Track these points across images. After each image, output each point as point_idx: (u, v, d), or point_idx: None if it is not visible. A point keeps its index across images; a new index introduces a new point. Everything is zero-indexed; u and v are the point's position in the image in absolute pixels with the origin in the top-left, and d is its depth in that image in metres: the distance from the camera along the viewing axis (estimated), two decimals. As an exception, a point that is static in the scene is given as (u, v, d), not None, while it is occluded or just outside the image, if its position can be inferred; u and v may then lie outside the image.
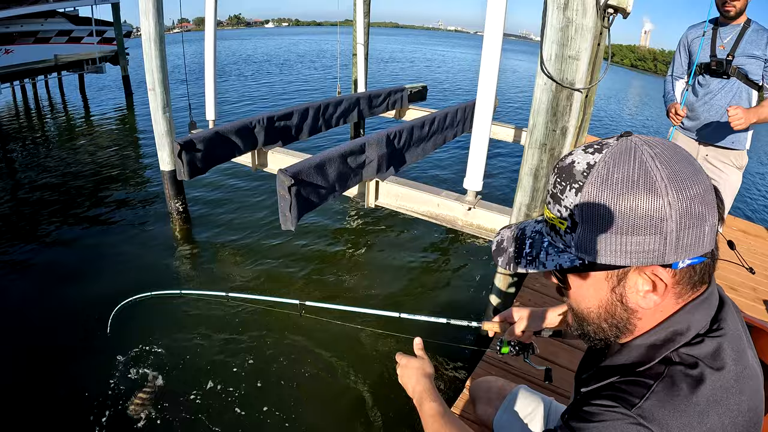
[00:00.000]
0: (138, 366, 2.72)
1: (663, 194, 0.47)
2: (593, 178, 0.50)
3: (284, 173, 2.51)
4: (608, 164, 0.50)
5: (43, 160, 6.82)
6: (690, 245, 0.49)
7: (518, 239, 0.61)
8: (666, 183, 0.47)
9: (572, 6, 1.82)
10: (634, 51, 67.36)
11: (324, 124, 4.47)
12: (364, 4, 6.03)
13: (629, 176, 0.48)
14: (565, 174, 0.53)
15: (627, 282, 0.53)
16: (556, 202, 0.54)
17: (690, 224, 0.48)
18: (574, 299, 0.60)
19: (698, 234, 0.48)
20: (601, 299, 0.56)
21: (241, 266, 3.95)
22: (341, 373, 2.77)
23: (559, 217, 0.54)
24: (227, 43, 35.42)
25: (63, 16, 10.85)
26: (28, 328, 3.08)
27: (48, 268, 3.84)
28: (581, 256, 0.53)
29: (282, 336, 3.03)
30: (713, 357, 0.52)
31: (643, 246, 0.49)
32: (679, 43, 2.49)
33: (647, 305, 0.53)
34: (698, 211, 0.48)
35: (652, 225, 0.48)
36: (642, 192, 0.47)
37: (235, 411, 2.48)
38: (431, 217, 3.13)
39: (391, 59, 27.18)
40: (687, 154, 0.51)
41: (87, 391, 2.55)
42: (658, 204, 0.47)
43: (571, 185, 0.52)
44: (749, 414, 0.52)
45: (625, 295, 0.54)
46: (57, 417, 2.42)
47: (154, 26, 3.66)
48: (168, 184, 4.24)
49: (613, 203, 0.48)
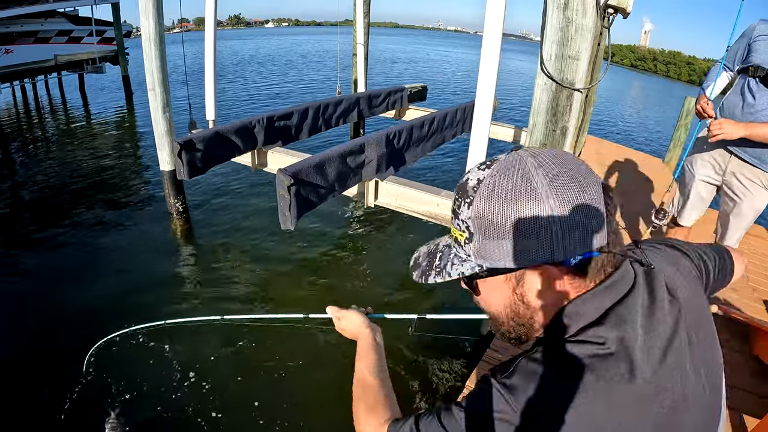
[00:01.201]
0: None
1: (544, 199, 0.51)
2: (481, 191, 0.55)
3: (284, 173, 2.51)
4: (494, 177, 0.54)
5: (42, 160, 6.82)
6: (577, 243, 0.52)
7: (431, 254, 0.66)
8: (547, 189, 0.51)
9: (572, 6, 1.82)
10: (634, 51, 67.41)
11: (324, 124, 4.47)
12: (364, 4, 6.03)
13: (513, 186, 0.53)
14: (461, 191, 0.58)
15: (525, 282, 0.57)
16: (455, 216, 0.59)
17: (574, 224, 0.51)
18: (484, 303, 0.65)
19: (584, 232, 0.52)
20: (505, 300, 0.61)
21: (241, 266, 3.95)
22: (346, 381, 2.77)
23: (459, 229, 0.59)
24: (229, 43, 35.41)
25: (63, 16, 10.86)
26: (21, 330, 3.07)
27: (47, 269, 3.84)
28: (480, 263, 0.58)
29: (285, 351, 3.02)
30: (593, 343, 0.54)
31: (532, 248, 0.53)
32: (743, 33, 2.05)
33: (546, 302, 0.58)
34: (582, 211, 0.51)
35: (537, 228, 0.52)
36: (525, 199, 0.52)
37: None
38: (431, 217, 3.12)
39: (391, 59, 27.17)
40: (573, 159, 0.55)
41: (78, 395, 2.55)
42: (540, 208, 0.51)
43: (464, 200, 0.57)
44: (653, 412, 0.53)
45: (525, 294, 0.58)
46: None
47: (154, 26, 3.66)
48: (168, 184, 4.24)
49: (501, 212, 0.53)
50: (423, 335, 2.87)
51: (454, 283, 0.65)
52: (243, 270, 3.89)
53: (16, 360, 2.78)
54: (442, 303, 3.61)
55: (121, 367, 2.68)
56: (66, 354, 2.83)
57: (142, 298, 3.39)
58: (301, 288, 3.66)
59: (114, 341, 1.83)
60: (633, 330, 0.54)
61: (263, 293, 3.59)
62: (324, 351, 2.90)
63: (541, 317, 0.60)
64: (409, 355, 2.91)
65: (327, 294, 3.53)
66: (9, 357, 2.80)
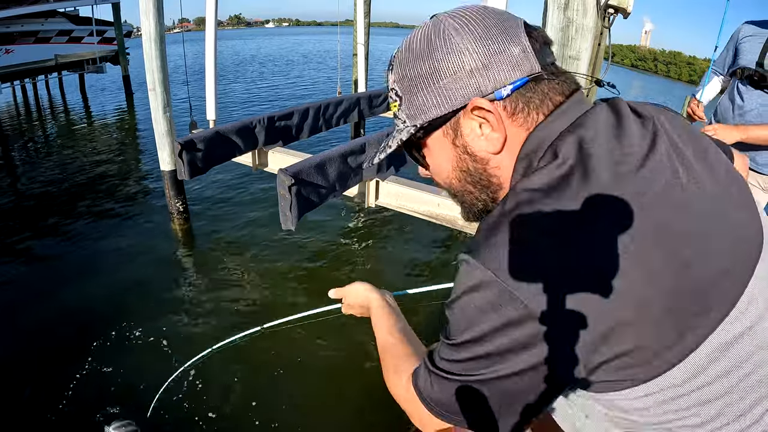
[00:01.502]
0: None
1: (455, 37, 0.50)
2: (399, 54, 0.55)
3: (284, 173, 2.51)
4: (410, 39, 0.54)
5: (42, 160, 6.83)
6: (503, 71, 0.49)
7: (380, 141, 0.66)
8: (457, 26, 0.50)
9: (573, 6, 1.82)
10: (634, 51, 67.42)
11: (324, 124, 4.48)
12: (364, 4, 6.04)
13: (425, 38, 0.52)
14: (389, 64, 0.58)
15: (462, 130, 0.54)
16: (387, 89, 0.58)
17: (494, 53, 0.49)
18: (435, 173, 0.61)
19: (508, 58, 0.49)
20: (452, 161, 0.57)
21: (241, 266, 3.95)
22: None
23: (392, 101, 0.57)
24: (231, 43, 35.42)
25: (63, 16, 10.87)
26: (21, 329, 3.07)
27: (47, 269, 3.85)
28: (413, 124, 0.55)
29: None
30: (548, 168, 0.47)
31: (454, 87, 0.50)
32: (731, 37, 2.07)
33: (493, 147, 0.52)
34: (501, 39, 0.49)
35: (455, 66, 0.50)
36: (437, 44, 0.51)
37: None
38: (431, 217, 3.13)
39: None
40: (492, 8, 0.53)
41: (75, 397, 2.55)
42: (454, 48, 0.50)
43: (389, 69, 0.57)
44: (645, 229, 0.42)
45: (467, 144, 0.54)
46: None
47: (155, 26, 3.66)
48: (168, 184, 4.24)
49: (416, 65, 0.52)
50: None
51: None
52: (243, 270, 3.89)
53: (16, 360, 2.78)
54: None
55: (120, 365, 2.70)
56: (66, 353, 2.84)
57: (143, 298, 3.39)
58: (301, 288, 3.66)
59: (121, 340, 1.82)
60: (595, 140, 0.47)
61: (263, 293, 3.59)
62: (324, 351, 2.90)
63: (494, 170, 0.55)
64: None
65: (327, 294, 3.52)
66: (8, 357, 2.80)
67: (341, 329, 2.95)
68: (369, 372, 2.69)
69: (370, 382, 2.65)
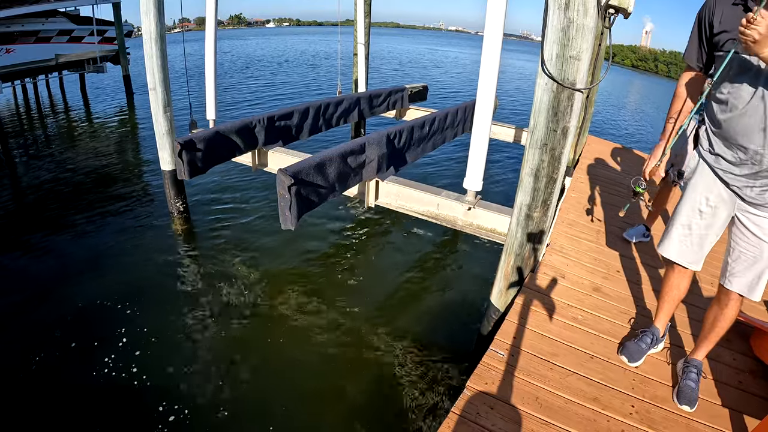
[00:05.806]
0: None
1: None
2: None
3: (284, 173, 2.51)
4: None
5: (43, 160, 6.82)
6: None
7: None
8: None
9: (573, 6, 1.82)
10: (635, 51, 67.30)
11: (324, 123, 4.47)
12: (365, 4, 6.04)
13: None
14: None
15: None
16: None
17: None
18: None
19: None
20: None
21: (241, 266, 3.95)
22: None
23: None
24: (232, 43, 35.39)
25: (64, 16, 10.86)
26: (20, 328, 3.08)
27: (46, 269, 3.84)
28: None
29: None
30: None
31: None
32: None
33: None
34: None
35: None
36: None
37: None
38: (431, 217, 3.13)
39: (392, 59, 27.15)
40: None
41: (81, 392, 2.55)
42: None
43: None
44: None
45: None
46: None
47: (155, 26, 3.67)
48: (168, 184, 4.24)
49: None
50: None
51: (454, 283, 0.64)
52: (243, 270, 3.89)
53: (16, 359, 2.79)
54: (442, 302, 3.59)
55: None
56: (66, 353, 2.84)
57: (142, 298, 3.40)
58: (301, 287, 3.66)
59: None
60: None
61: (264, 293, 3.58)
62: (323, 350, 2.90)
63: None
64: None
65: (327, 293, 3.53)
66: (10, 354, 2.80)
67: (341, 326, 2.96)
68: (370, 367, 2.70)
69: (371, 379, 2.66)
